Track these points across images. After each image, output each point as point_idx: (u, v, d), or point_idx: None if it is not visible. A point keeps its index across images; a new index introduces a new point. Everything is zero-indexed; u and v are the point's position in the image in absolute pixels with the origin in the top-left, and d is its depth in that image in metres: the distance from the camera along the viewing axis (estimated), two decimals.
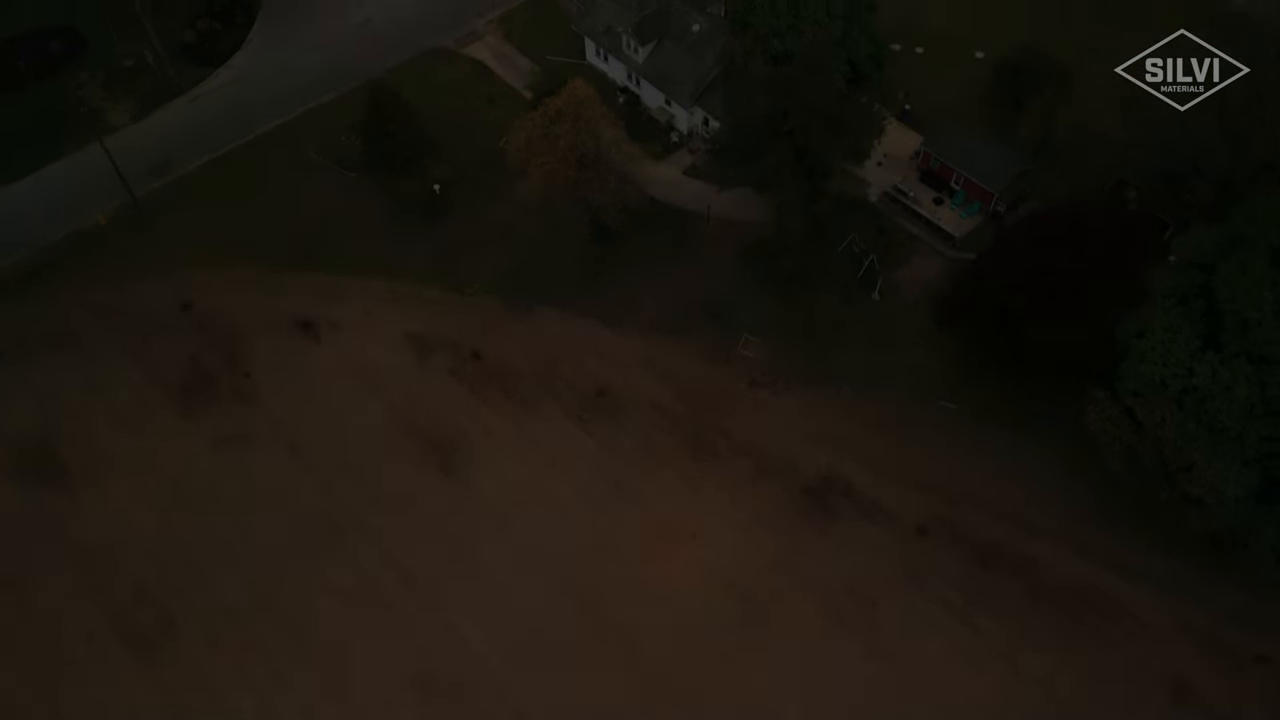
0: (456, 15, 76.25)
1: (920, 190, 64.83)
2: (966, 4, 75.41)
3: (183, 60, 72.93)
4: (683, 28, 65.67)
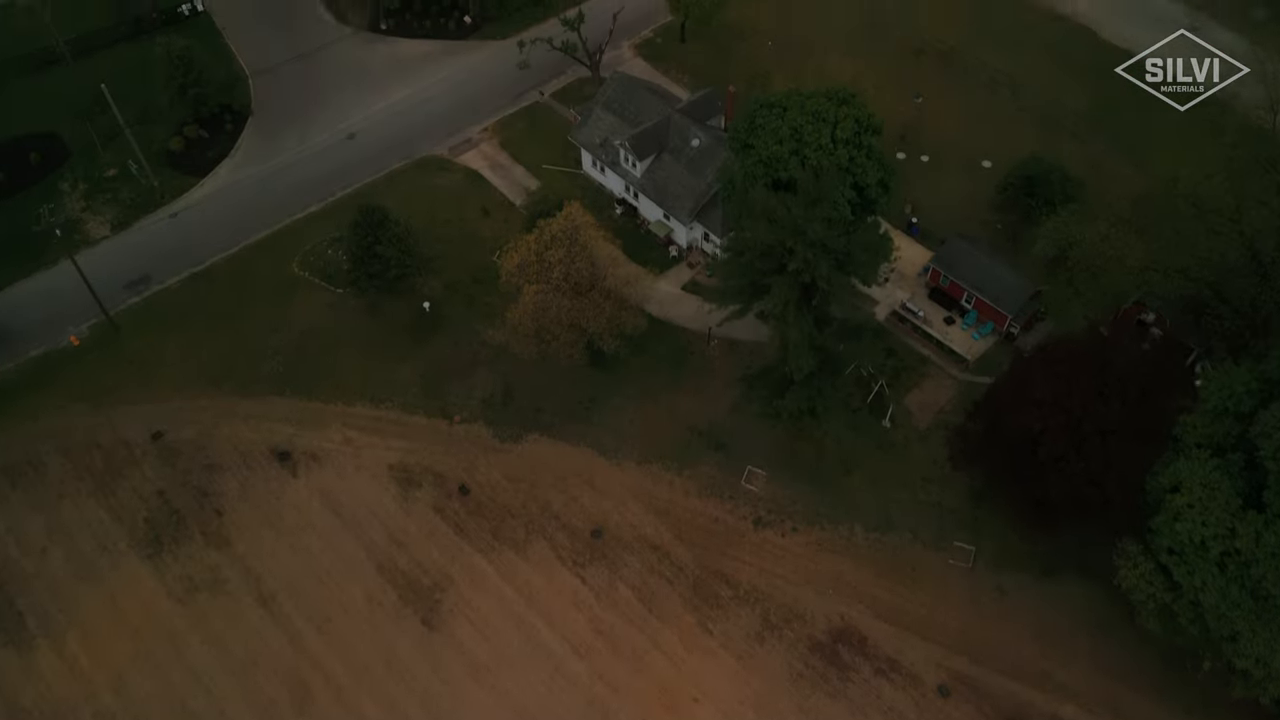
0: (452, 123, 74.56)
1: (930, 309, 62.23)
2: (973, 111, 73.84)
3: (167, 169, 70.90)
4: (682, 142, 63.76)
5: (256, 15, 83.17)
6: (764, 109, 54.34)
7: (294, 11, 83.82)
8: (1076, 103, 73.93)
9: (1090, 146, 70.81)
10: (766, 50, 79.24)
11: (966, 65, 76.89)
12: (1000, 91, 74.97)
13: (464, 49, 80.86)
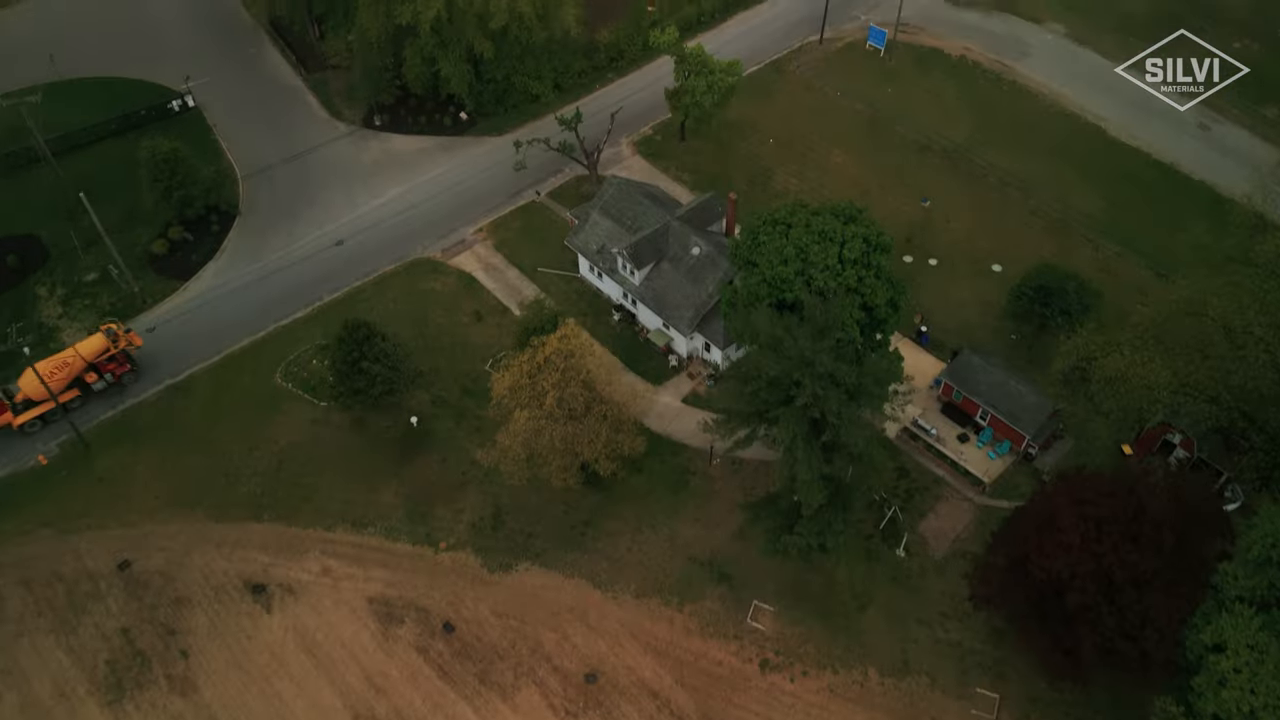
0: (445, 223, 72.55)
1: (942, 425, 59.23)
2: (982, 212, 71.82)
3: (150, 273, 68.62)
4: (682, 250, 61.54)
5: (249, 110, 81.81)
6: (768, 225, 52.09)
7: (287, 105, 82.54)
8: (1088, 204, 71.96)
9: (1104, 250, 68.62)
10: (768, 148, 77.70)
11: (973, 164, 75.19)
12: (1009, 192, 73.06)
13: (459, 145, 79.34)
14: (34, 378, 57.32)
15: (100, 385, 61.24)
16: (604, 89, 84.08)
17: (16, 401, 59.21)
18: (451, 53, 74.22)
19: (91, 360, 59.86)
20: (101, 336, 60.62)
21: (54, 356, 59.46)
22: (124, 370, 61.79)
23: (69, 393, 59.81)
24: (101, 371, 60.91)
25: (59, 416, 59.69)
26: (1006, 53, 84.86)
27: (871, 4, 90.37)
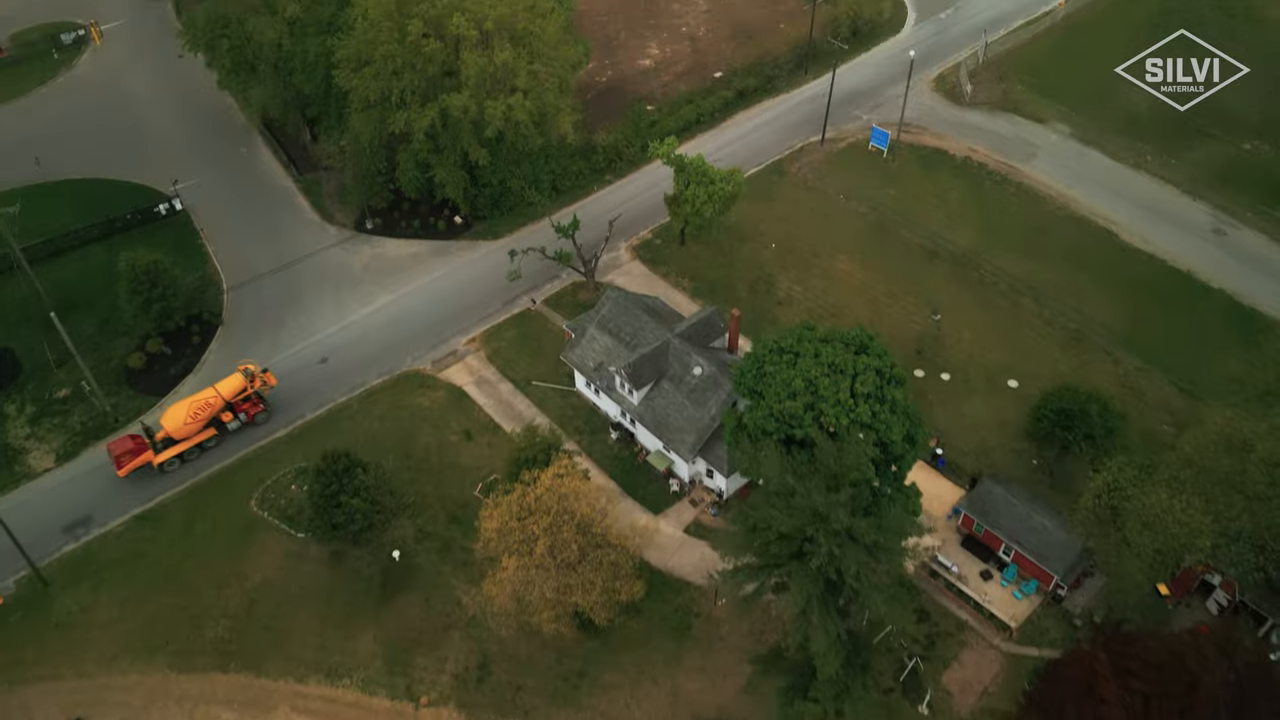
0: (437, 332, 69.71)
1: (963, 560, 55.31)
2: (994, 323, 68.93)
3: (125, 388, 65.50)
4: (682, 370, 58.45)
5: (238, 212, 79.76)
6: (774, 354, 49.05)
7: (277, 208, 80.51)
8: (1104, 314, 69.16)
9: (1124, 365, 65.56)
10: (770, 253, 75.34)
11: (983, 270, 72.71)
12: (1022, 301, 70.37)
13: (453, 249, 77.01)
14: (175, 416, 59.09)
15: (235, 425, 62.58)
16: (602, 191, 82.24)
17: (157, 440, 59.94)
18: (446, 159, 72.34)
19: (230, 400, 61.24)
20: (240, 376, 61.77)
21: (196, 396, 60.79)
22: (257, 410, 63.06)
23: (206, 432, 61.12)
24: (237, 411, 62.35)
25: (195, 456, 61.12)
26: (1012, 154, 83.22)
27: (872, 104, 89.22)
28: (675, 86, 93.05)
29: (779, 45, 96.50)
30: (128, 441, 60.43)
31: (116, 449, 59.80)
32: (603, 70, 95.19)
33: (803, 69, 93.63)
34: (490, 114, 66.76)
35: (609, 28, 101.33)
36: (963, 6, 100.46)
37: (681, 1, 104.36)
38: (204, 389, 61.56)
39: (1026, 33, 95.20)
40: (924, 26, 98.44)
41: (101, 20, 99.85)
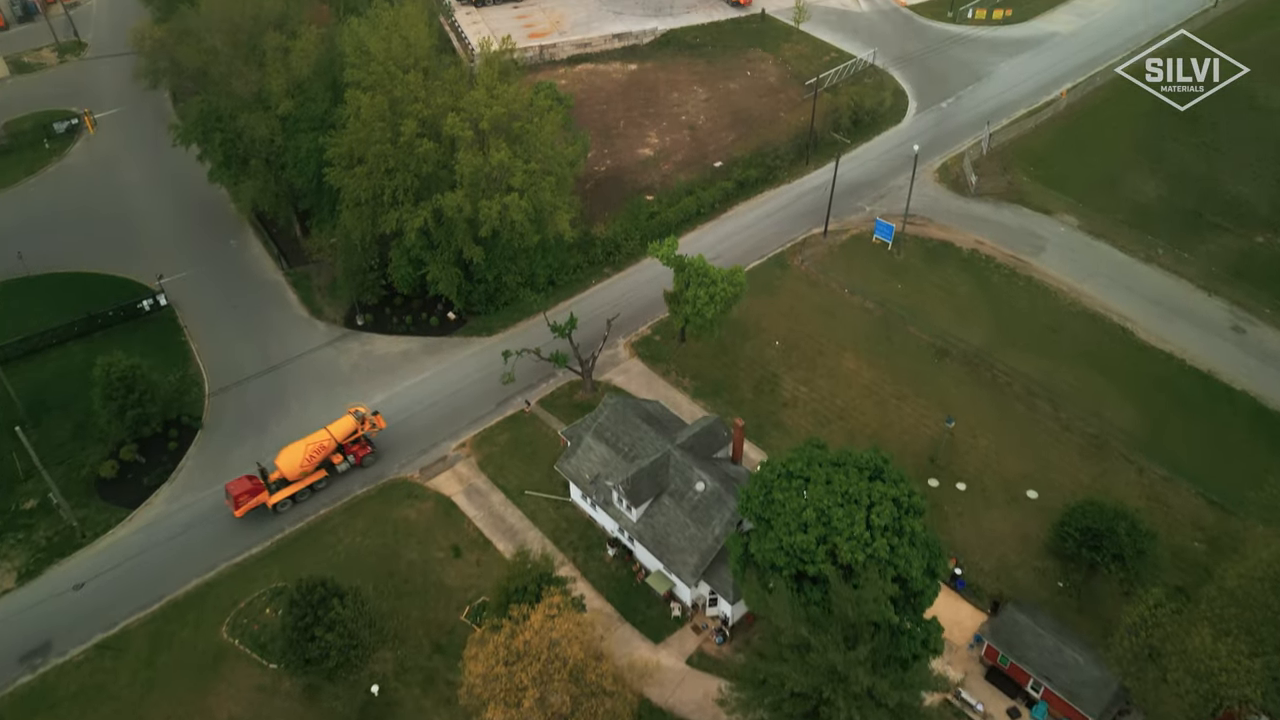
0: (426, 436, 66.61)
1: (988, 695, 51.23)
2: (1010, 429, 65.85)
3: (95, 500, 62.08)
4: (684, 485, 55.16)
5: (224, 307, 77.46)
6: (782, 480, 45.88)
7: (265, 302, 78.25)
8: (1124, 418, 66.19)
9: (1149, 475, 62.31)
10: (773, 350, 72.73)
11: (996, 372, 69.96)
12: (1037, 404, 67.47)
13: (446, 347, 74.37)
14: (291, 457, 60.17)
15: (344, 467, 63.57)
16: (600, 284, 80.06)
17: (271, 481, 60.69)
18: (440, 255, 70.26)
19: (341, 442, 62.22)
20: (351, 418, 63.04)
21: (310, 437, 61.53)
22: (365, 453, 64.08)
23: (317, 473, 61.98)
24: (346, 453, 63.25)
25: (307, 497, 61.92)
26: (1020, 246, 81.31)
27: (875, 195, 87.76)
28: (675, 176, 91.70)
29: (779, 135, 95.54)
30: (245, 482, 61.05)
31: (235, 489, 60.29)
32: (602, 159, 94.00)
33: (804, 159, 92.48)
34: (485, 214, 64.81)
35: (608, 116, 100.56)
36: (964, 96, 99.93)
37: (681, 90, 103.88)
38: (316, 430, 62.34)
39: (1029, 122, 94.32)
40: (925, 116, 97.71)
41: (97, 109, 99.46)
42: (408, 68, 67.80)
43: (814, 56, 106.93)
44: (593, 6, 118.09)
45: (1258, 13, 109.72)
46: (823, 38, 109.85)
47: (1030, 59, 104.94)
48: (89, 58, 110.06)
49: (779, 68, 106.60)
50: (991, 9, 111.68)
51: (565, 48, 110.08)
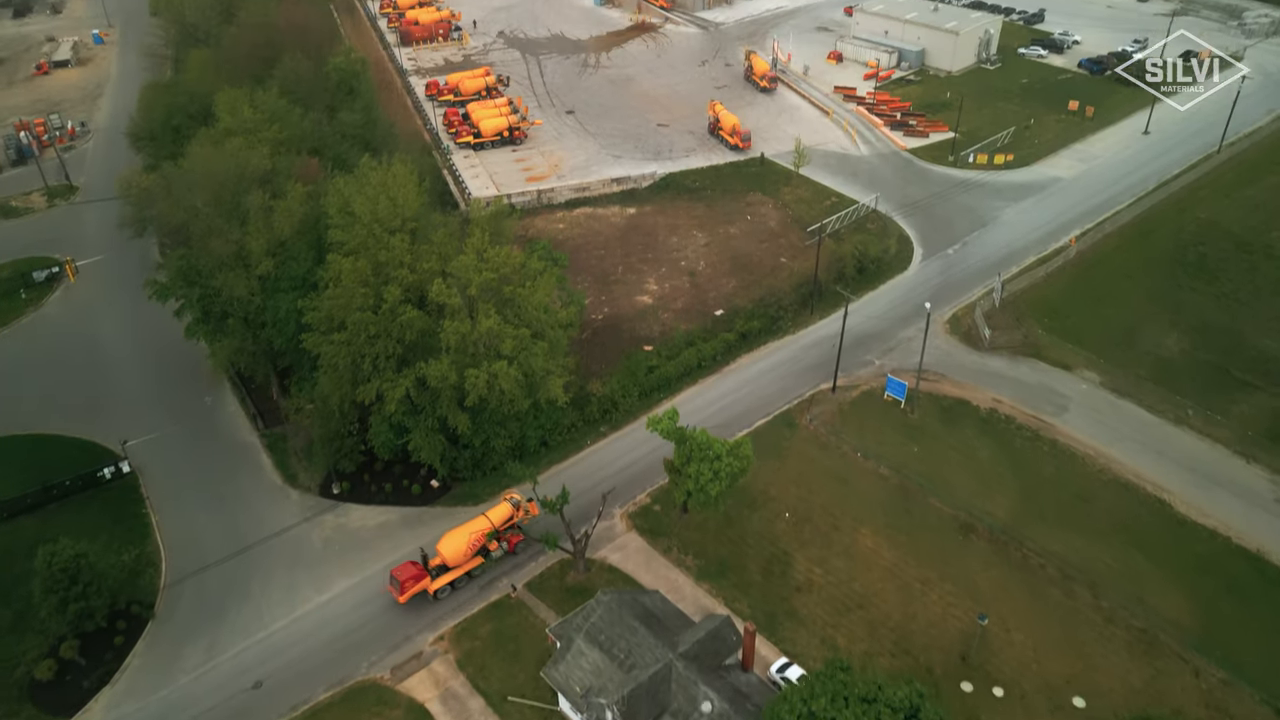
0: (399, 628, 60.28)
1: None
2: (1048, 621, 59.24)
3: (28, 707, 55.29)
4: (688, 704, 48.65)
5: (192, 473, 72.28)
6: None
7: (236, 467, 73.12)
8: (1171, 606, 59.99)
9: (1206, 678, 55.67)
10: (783, 524, 67.05)
11: (1026, 552, 64.11)
12: (1075, 590, 61.35)
13: (427, 518, 68.70)
14: (455, 544, 60.73)
15: (499, 554, 63.90)
16: (596, 445, 75.12)
17: (432, 567, 61.12)
18: (423, 422, 65.51)
19: (498, 528, 62.97)
20: (508, 505, 63.94)
21: (470, 524, 62.38)
22: (518, 540, 64.75)
23: (475, 560, 62.58)
24: (501, 539, 63.81)
25: (464, 583, 62.34)
26: (1041, 406, 76.72)
27: (884, 348, 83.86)
28: (675, 325, 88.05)
29: (782, 282, 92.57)
30: (410, 568, 61.04)
31: (401, 574, 60.44)
32: (599, 307, 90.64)
33: (808, 308, 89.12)
34: (471, 383, 60.38)
35: (606, 262, 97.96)
36: (970, 242, 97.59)
37: (680, 234, 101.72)
38: (476, 518, 63.13)
39: (1040, 271, 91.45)
40: (931, 263, 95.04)
41: (81, 255, 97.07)
42: (394, 229, 64.78)
43: (815, 201, 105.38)
44: (591, 150, 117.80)
45: (1263, 158, 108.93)
46: (823, 181, 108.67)
47: (1035, 204, 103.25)
48: (79, 201, 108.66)
49: (779, 212, 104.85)
50: (993, 153, 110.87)
51: (563, 191, 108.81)
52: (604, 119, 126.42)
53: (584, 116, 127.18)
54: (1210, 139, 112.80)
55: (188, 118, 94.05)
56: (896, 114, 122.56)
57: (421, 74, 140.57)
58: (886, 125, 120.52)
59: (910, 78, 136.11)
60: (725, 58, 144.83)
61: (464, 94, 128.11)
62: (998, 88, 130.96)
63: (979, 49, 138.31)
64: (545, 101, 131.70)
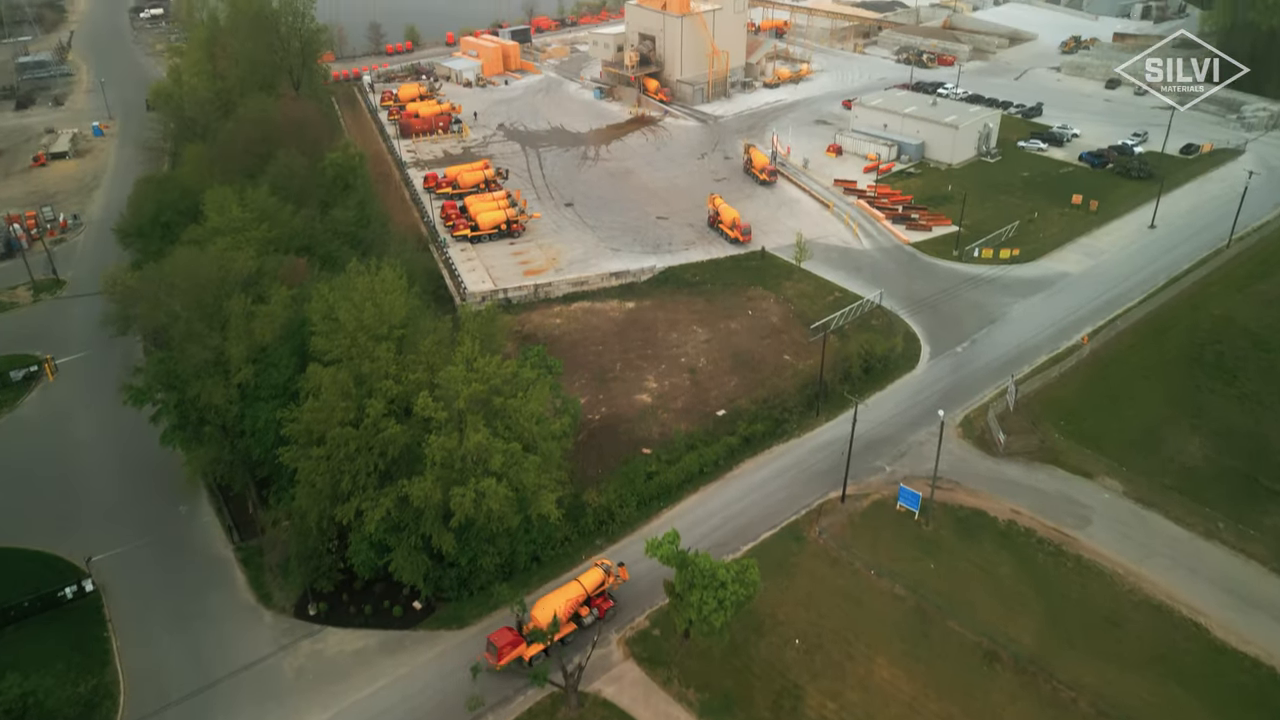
0: None
1: None
2: None
3: None
4: None
5: (160, 591, 67.78)
6: None
7: (207, 585, 68.56)
8: None
9: None
10: (793, 650, 62.30)
11: (1056, 684, 59.22)
12: None
13: (408, 643, 63.92)
14: (546, 609, 59.88)
15: (590, 620, 63.35)
16: (591, 559, 70.61)
17: (526, 632, 59.85)
18: (406, 540, 61.35)
19: (590, 594, 63.13)
20: (599, 570, 64.55)
21: (564, 589, 62.42)
22: (608, 606, 64.32)
23: (568, 626, 62.05)
24: (592, 605, 63.53)
25: (558, 650, 60.34)
26: (1063, 517, 72.57)
27: (895, 453, 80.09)
28: (675, 426, 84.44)
29: (785, 381, 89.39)
30: (507, 634, 60.52)
31: (499, 640, 59.81)
32: (596, 406, 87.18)
33: (814, 410, 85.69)
34: (457, 503, 56.49)
35: (604, 358, 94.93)
36: (979, 340, 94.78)
37: (680, 330, 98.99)
38: (568, 584, 63.24)
39: (1054, 370, 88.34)
40: (940, 362, 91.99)
41: (63, 352, 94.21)
42: (381, 336, 61.82)
43: (817, 295, 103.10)
44: (590, 243, 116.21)
45: (1273, 252, 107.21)
46: (825, 276, 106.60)
47: (1044, 301, 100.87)
48: (65, 296, 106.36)
49: (781, 306, 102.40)
50: (998, 248, 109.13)
51: (561, 285, 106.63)
52: (603, 211, 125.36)
53: (583, 209, 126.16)
54: (1218, 233, 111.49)
55: (178, 213, 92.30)
56: (898, 207, 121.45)
57: (420, 166, 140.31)
58: (888, 219, 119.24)
59: (910, 170, 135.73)
60: (724, 151, 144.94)
61: (462, 186, 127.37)
62: (999, 181, 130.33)
63: (979, 142, 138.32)
64: (544, 194, 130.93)
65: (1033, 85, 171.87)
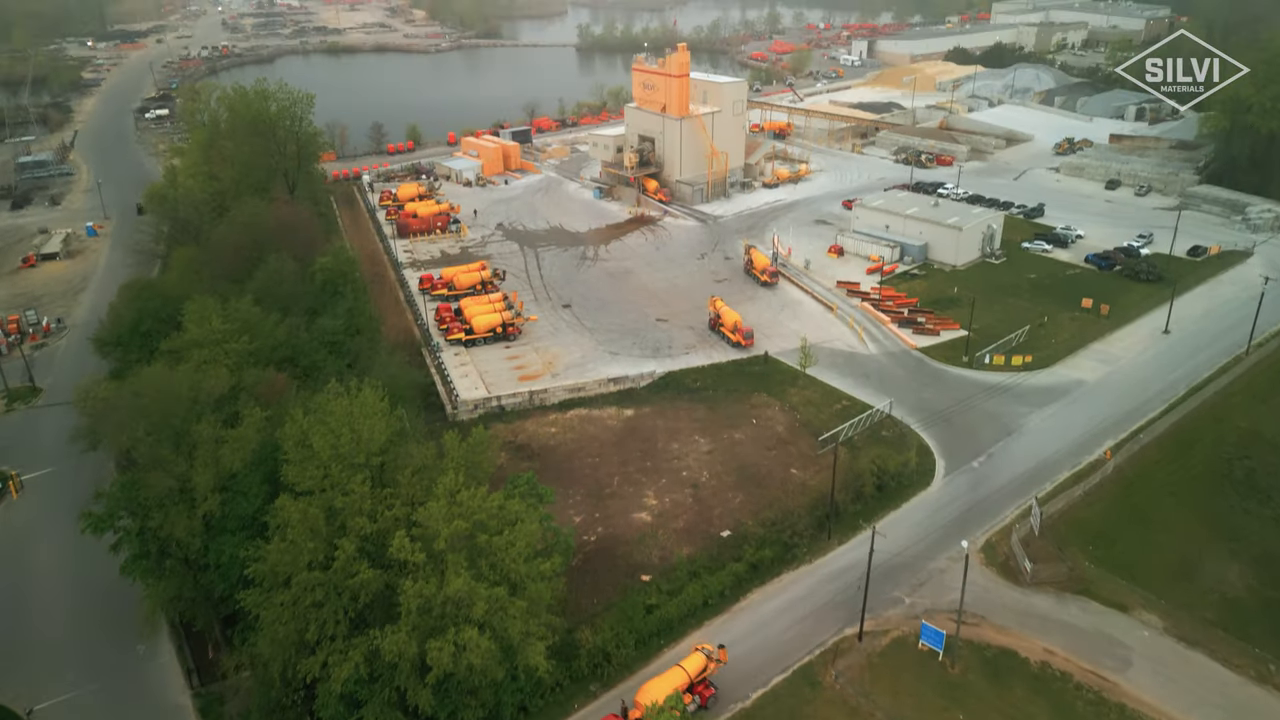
0: None
1: None
2: None
3: None
4: None
5: None
6: None
7: None
8: None
9: None
10: None
11: None
12: None
13: None
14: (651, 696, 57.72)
15: (692, 707, 61.68)
16: (585, 708, 64.21)
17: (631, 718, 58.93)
18: (379, 694, 55.20)
19: (692, 680, 61.70)
20: (701, 655, 63.36)
21: (668, 674, 61.39)
22: (710, 694, 62.86)
23: None
24: (694, 693, 62.01)
25: None
26: (1100, 658, 66.38)
27: (914, 582, 74.30)
28: (676, 549, 78.81)
29: (794, 499, 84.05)
30: None
31: None
32: (592, 527, 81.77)
33: (825, 532, 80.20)
34: (434, 658, 50.74)
35: (601, 472, 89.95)
36: (995, 454, 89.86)
37: (681, 440, 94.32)
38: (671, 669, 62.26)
39: (1077, 489, 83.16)
40: (956, 479, 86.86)
41: (32, 466, 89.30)
42: (358, 466, 57.08)
43: (824, 404, 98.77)
44: (588, 346, 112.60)
45: None
46: (832, 383, 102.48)
47: (1062, 410, 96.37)
48: (40, 405, 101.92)
49: (786, 415, 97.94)
50: (1010, 354, 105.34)
51: (557, 392, 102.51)
52: (601, 313, 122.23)
53: (581, 311, 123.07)
54: (1235, 339, 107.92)
55: (159, 321, 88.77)
56: (904, 310, 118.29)
57: (417, 266, 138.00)
58: (894, 322, 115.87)
59: (914, 272, 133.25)
60: (724, 251, 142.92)
61: (458, 288, 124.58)
62: (1005, 283, 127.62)
63: (983, 243, 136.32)
64: (542, 295, 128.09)
65: (1032, 186, 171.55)
